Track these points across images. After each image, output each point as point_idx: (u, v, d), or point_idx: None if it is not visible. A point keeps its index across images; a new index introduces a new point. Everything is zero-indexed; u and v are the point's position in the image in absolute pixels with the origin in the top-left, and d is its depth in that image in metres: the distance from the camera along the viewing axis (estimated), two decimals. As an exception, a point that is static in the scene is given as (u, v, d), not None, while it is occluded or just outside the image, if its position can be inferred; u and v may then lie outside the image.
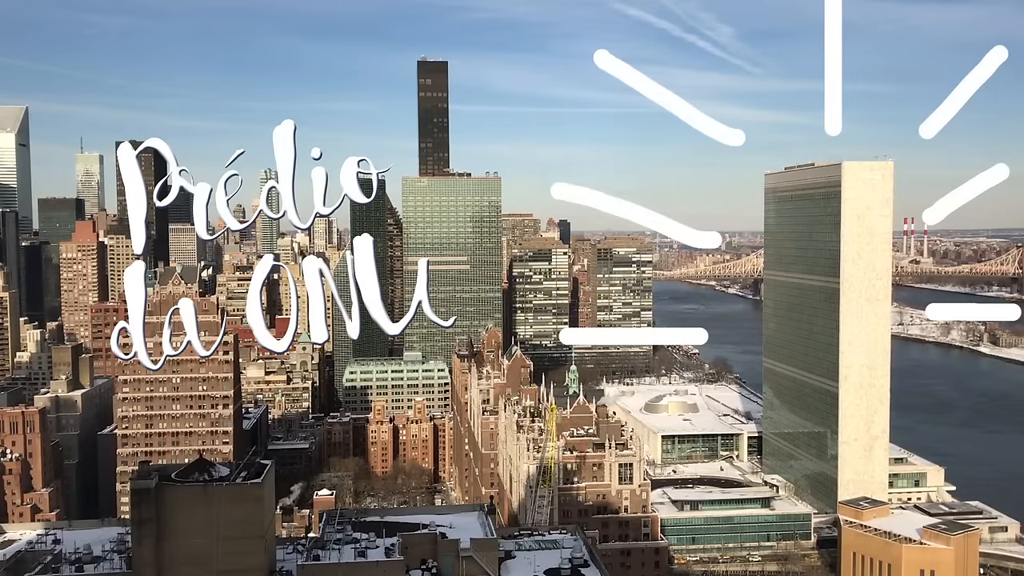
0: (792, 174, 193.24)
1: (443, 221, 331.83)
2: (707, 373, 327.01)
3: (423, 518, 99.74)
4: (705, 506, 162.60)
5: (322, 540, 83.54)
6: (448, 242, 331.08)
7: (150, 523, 68.49)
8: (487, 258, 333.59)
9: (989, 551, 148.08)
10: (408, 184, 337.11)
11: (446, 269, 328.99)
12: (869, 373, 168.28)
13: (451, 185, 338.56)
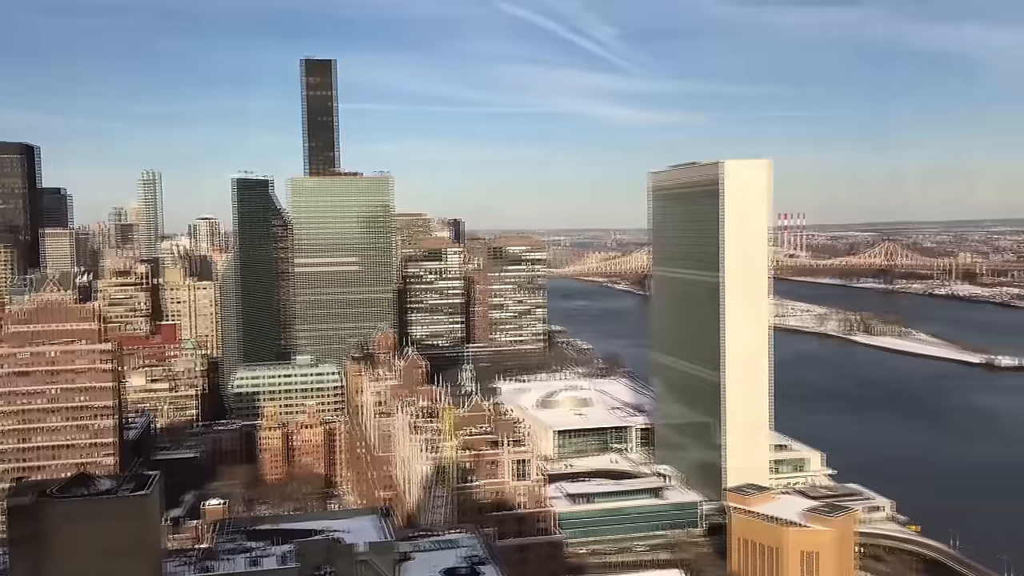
0: (675, 173, 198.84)
1: (332, 222, 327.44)
2: (599, 368, 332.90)
3: (318, 524, 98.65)
4: (599, 499, 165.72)
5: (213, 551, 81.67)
6: (338, 243, 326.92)
7: (27, 542, 65.57)
8: (378, 259, 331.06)
9: (866, 530, 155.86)
10: (296, 184, 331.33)
11: (336, 270, 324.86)
12: (751, 364, 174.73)
13: (340, 185, 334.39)
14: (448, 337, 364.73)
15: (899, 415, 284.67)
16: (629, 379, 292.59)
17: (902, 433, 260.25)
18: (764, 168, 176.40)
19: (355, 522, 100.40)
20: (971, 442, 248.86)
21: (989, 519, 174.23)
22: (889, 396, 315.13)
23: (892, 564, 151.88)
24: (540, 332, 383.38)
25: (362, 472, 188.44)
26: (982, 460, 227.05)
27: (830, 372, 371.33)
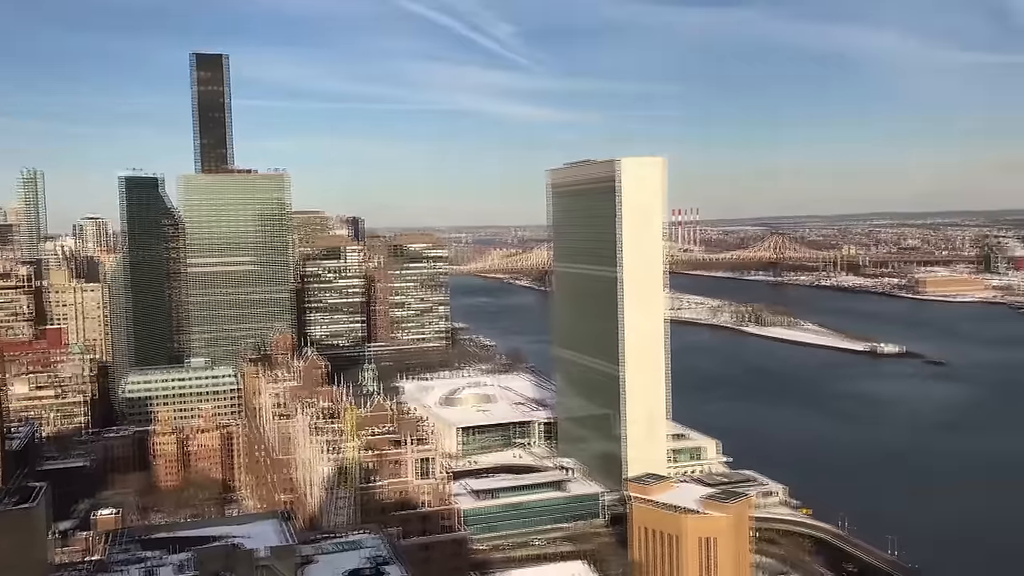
0: (573, 170, 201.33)
1: (226, 220, 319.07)
2: (502, 364, 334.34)
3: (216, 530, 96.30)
4: (502, 494, 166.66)
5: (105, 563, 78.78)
6: (232, 242, 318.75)
7: (-99, 562, 61.96)
8: (275, 258, 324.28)
9: (760, 515, 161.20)
10: (187, 182, 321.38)
11: (231, 270, 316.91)
12: (649, 356, 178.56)
13: (234, 183, 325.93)
14: (349, 336, 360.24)
15: (789, 402, 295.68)
16: (532, 374, 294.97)
17: (793, 420, 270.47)
18: (659, 165, 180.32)
19: (255, 527, 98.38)
20: (856, 426, 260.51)
21: (875, 499, 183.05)
22: (779, 384, 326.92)
23: (785, 547, 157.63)
24: (443, 330, 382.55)
25: (261, 476, 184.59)
26: (867, 443, 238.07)
27: (724, 362, 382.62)
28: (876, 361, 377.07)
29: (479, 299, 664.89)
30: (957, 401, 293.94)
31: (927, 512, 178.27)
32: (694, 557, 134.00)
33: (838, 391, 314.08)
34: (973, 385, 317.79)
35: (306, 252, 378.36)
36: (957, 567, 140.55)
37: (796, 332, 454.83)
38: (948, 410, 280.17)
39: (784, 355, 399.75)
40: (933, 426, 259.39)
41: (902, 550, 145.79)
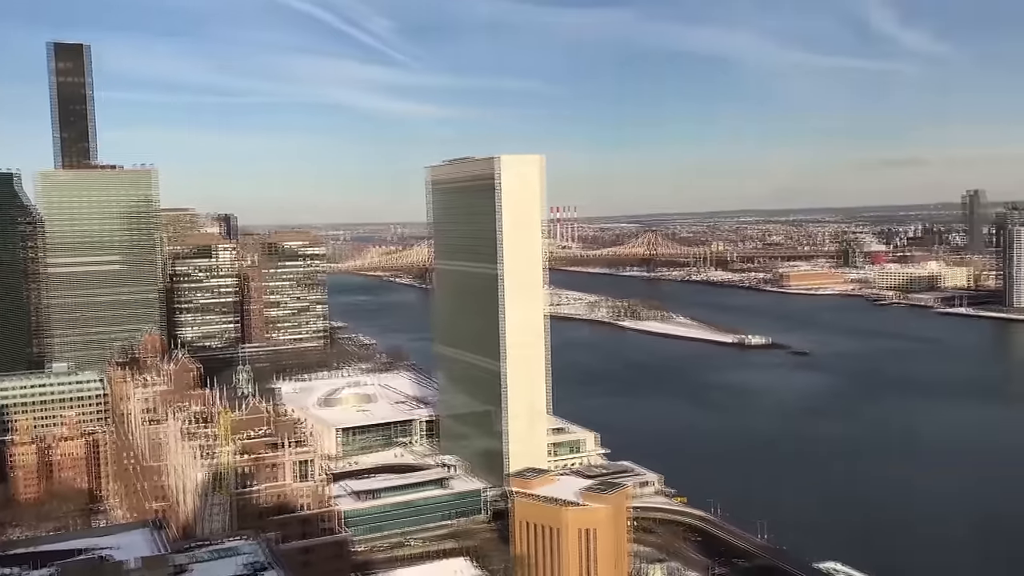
0: (453, 167, 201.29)
1: (89, 218, 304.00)
2: (383, 362, 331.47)
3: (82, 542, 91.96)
4: (384, 494, 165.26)
5: (-43, 583, 73.91)
6: (96, 241, 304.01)
7: None
8: (142, 257, 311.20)
9: (637, 504, 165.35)
10: (45, 178, 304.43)
11: (94, 270, 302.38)
12: (529, 352, 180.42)
13: (97, 179, 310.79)
14: (222, 338, 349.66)
15: (664, 394, 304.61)
16: (413, 372, 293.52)
17: (667, 410, 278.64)
18: (537, 163, 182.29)
19: (124, 537, 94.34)
20: (727, 415, 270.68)
21: (745, 485, 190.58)
22: (654, 377, 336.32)
23: (661, 535, 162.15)
24: (320, 329, 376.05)
25: (131, 484, 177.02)
26: (737, 432, 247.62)
27: (601, 356, 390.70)
28: (744, 352, 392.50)
29: (358, 297, 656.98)
30: (819, 389, 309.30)
31: (793, 495, 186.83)
32: (574, 549, 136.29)
33: (709, 382, 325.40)
34: (834, 373, 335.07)
35: (175, 251, 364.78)
36: (821, 546, 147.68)
37: (669, 326, 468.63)
38: (811, 397, 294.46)
39: (658, 348, 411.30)
40: (798, 413, 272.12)
41: (771, 533, 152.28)
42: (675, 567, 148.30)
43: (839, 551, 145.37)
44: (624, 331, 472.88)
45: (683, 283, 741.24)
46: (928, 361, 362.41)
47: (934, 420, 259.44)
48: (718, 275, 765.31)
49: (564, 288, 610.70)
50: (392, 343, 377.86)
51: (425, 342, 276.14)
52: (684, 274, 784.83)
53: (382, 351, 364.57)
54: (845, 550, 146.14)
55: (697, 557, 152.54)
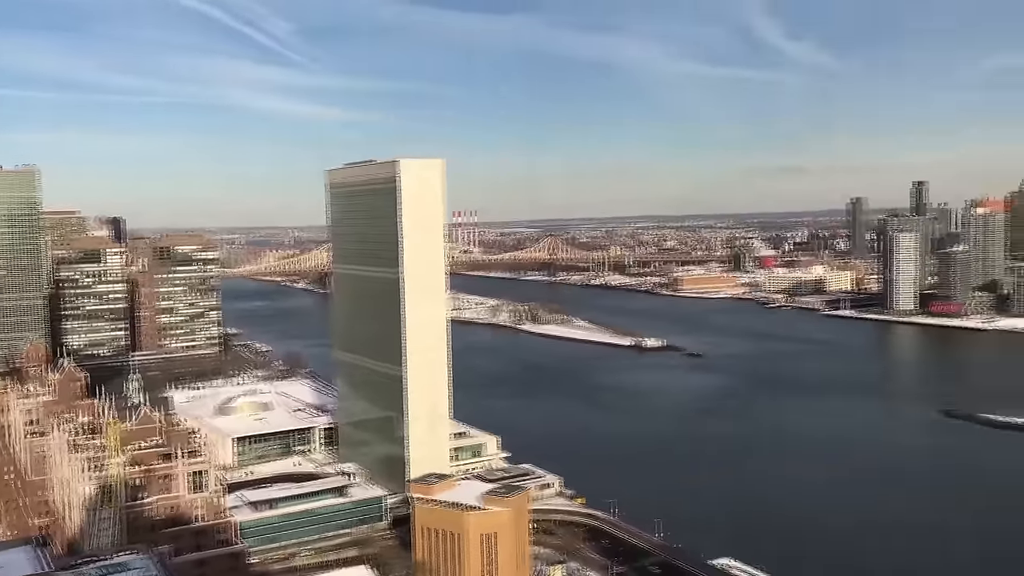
0: (353, 170, 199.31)
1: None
2: (280, 370, 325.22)
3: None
4: (282, 503, 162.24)
5: None
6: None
7: None
8: (23, 261, 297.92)
9: (538, 507, 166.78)
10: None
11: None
12: (431, 357, 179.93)
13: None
14: (110, 346, 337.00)
15: (564, 396, 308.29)
16: (311, 379, 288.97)
17: (567, 413, 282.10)
18: (438, 167, 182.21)
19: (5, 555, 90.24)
20: (625, 417, 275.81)
21: (643, 485, 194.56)
22: (555, 379, 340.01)
23: (562, 536, 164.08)
24: (215, 336, 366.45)
25: (12, 500, 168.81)
26: (634, 432, 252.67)
27: (502, 359, 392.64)
28: (641, 354, 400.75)
29: (254, 303, 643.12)
30: (713, 389, 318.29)
31: (688, 494, 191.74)
32: (476, 553, 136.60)
33: (608, 384, 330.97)
34: (726, 374, 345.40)
35: (61, 255, 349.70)
36: (715, 543, 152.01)
37: (569, 329, 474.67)
38: (705, 398, 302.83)
39: (558, 351, 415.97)
40: (692, 413, 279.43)
41: (667, 531, 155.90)
42: (575, 568, 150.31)
43: (732, 547, 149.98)
44: (525, 335, 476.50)
45: (582, 287, 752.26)
46: (815, 361, 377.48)
47: (820, 418, 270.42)
48: (616, 279, 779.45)
49: (465, 292, 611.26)
50: (290, 349, 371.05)
51: (324, 348, 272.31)
52: (583, 278, 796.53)
53: (279, 358, 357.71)
54: (738, 546, 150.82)
55: (596, 557, 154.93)
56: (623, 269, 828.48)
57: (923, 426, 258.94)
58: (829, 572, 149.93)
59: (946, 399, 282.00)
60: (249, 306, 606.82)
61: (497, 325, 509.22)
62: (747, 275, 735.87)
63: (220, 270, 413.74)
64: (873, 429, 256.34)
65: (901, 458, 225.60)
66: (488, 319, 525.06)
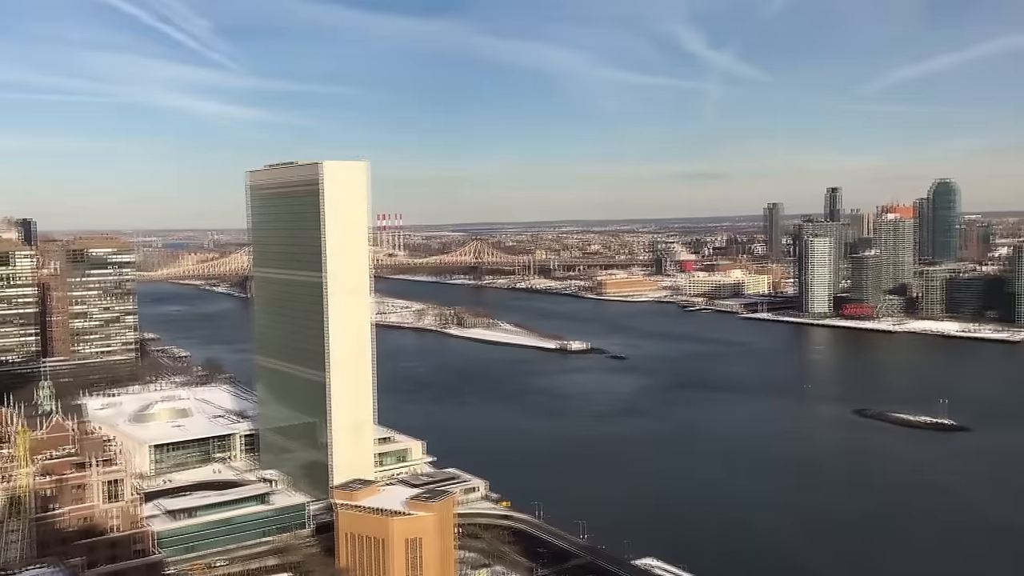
0: (274, 172, 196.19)
1: None
2: (199, 375, 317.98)
3: None
4: (201, 512, 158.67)
5: None
6: None
7: None
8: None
9: (464, 511, 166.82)
10: None
11: None
12: (355, 361, 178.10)
13: None
14: (20, 351, 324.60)
15: (489, 400, 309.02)
16: (232, 385, 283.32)
17: (492, 416, 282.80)
18: (362, 169, 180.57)
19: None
20: (549, 419, 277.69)
21: (566, 487, 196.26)
22: (480, 383, 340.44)
23: (487, 540, 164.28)
24: (131, 341, 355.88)
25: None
26: (559, 434, 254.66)
27: (428, 364, 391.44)
28: (566, 357, 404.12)
29: (172, 307, 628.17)
30: (635, 391, 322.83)
31: (611, 495, 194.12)
32: (401, 558, 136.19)
33: (533, 387, 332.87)
34: (649, 376, 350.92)
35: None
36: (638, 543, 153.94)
37: (495, 332, 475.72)
38: (629, 399, 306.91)
39: (484, 355, 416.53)
40: (616, 414, 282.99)
41: (591, 532, 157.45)
42: (500, 571, 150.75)
43: (654, 547, 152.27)
44: (451, 338, 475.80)
45: (508, 290, 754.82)
46: (733, 363, 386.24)
47: (740, 418, 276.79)
48: (541, 283, 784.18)
49: (390, 296, 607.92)
50: (209, 355, 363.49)
51: (245, 353, 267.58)
52: (509, 282, 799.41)
53: (198, 363, 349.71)
54: (660, 546, 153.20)
55: (521, 560, 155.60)
56: (548, 273, 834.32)
57: (837, 425, 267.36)
58: (751, 569, 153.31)
59: (859, 399, 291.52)
60: (167, 310, 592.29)
61: (423, 329, 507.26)
62: (668, 279, 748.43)
63: (136, 273, 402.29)
64: (790, 428, 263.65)
65: (817, 456, 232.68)
66: (414, 323, 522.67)
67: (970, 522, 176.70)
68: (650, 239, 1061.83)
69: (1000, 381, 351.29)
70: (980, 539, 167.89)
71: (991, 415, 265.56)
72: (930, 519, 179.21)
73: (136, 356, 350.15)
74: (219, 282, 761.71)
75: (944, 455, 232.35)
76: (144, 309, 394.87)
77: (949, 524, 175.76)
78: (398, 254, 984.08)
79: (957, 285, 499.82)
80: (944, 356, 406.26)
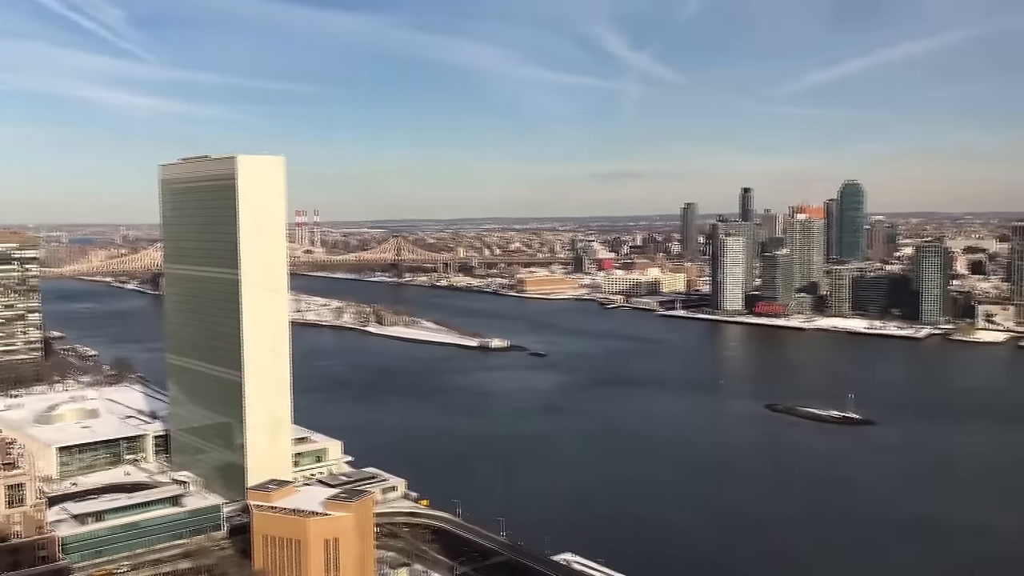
0: (188, 166, 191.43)
1: None
2: (108, 375, 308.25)
3: None
4: (110, 515, 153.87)
5: None
6: None
7: None
8: None
9: (383, 510, 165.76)
10: None
11: None
12: (271, 360, 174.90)
13: None
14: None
15: (409, 398, 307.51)
16: (143, 385, 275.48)
17: (412, 414, 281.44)
18: (279, 164, 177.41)
19: None
20: (469, 417, 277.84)
21: (486, 485, 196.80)
22: (400, 381, 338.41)
23: (406, 539, 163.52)
24: (35, 339, 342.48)
25: None
26: (479, 432, 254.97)
27: (347, 362, 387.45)
28: (487, 355, 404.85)
29: (80, 304, 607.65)
30: (555, 388, 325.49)
31: (531, 491, 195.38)
32: (318, 559, 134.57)
33: (453, 385, 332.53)
34: (568, 373, 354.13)
35: None
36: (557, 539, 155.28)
37: (415, 330, 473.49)
38: (548, 396, 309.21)
39: (404, 353, 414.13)
40: (535, 411, 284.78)
41: (510, 529, 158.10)
42: (420, 570, 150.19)
43: (573, 543, 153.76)
44: (370, 336, 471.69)
45: (429, 288, 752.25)
46: (650, 359, 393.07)
47: (656, 413, 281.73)
48: (463, 280, 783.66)
49: (308, 293, 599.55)
50: (119, 354, 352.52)
51: (156, 352, 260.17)
52: (430, 279, 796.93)
53: (107, 363, 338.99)
54: (578, 542, 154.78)
55: (441, 558, 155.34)
56: (469, 270, 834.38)
57: (751, 420, 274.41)
58: (667, 564, 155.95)
59: (770, 394, 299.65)
60: (74, 308, 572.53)
61: (341, 327, 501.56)
62: (588, 277, 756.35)
63: (42, 270, 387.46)
64: (706, 424, 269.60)
65: (732, 452, 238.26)
66: (332, 321, 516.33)
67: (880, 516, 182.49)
68: (570, 238, 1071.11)
69: (904, 376, 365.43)
70: (890, 532, 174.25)
71: (895, 409, 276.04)
72: (841, 513, 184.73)
73: (41, 355, 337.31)
74: (129, 279, 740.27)
75: (852, 449, 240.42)
76: (50, 306, 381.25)
77: (860, 518, 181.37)
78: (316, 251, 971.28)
79: (864, 284, 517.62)
80: (851, 352, 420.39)
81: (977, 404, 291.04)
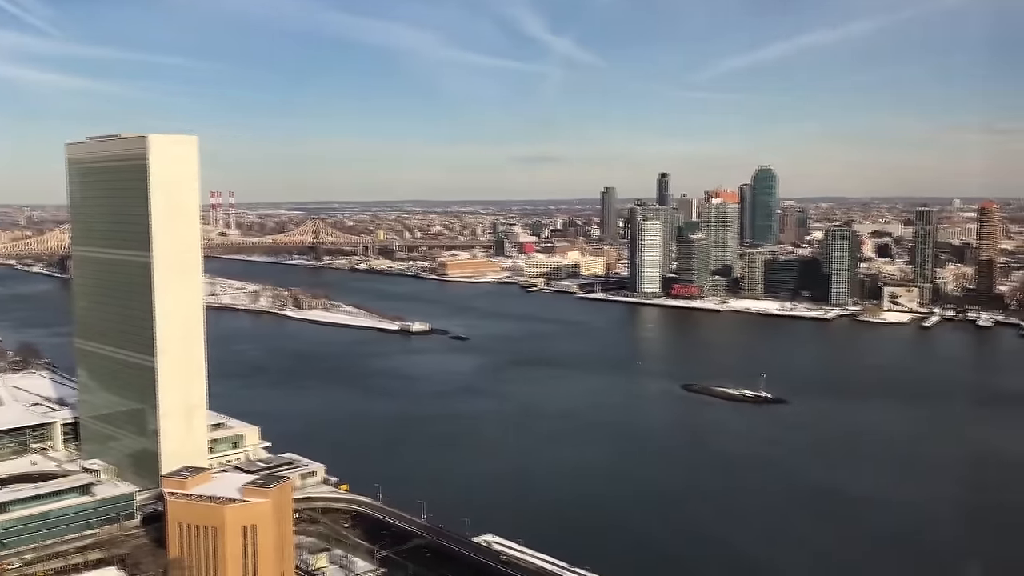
0: (96, 145, 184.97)
1: None
2: (12, 362, 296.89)
3: None
4: (15, 506, 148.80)
5: None
6: None
7: None
8: None
9: (301, 496, 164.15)
10: None
11: None
12: (185, 344, 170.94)
13: None
14: None
15: (328, 382, 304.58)
16: (50, 371, 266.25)
17: (332, 399, 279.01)
18: (191, 144, 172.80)
19: None
20: (390, 400, 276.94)
21: (407, 467, 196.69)
22: (319, 366, 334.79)
23: (326, 524, 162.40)
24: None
25: None
26: (399, 416, 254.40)
27: (264, 347, 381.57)
28: (408, 339, 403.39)
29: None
30: (476, 370, 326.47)
31: (451, 473, 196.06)
32: (236, 546, 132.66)
33: (374, 369, 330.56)
34: (489, 355, 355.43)
35: None
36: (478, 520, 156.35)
37: (335, 314, 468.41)
38: (469, 379, 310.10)
39: (323, 337, 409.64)
40: (456, 394, 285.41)
41: (431, 512, 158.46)
42: (340, 554, 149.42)
43: (493, 524, 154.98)
44: (288, 320, 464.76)
45: (348, 271, 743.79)
46: (570, 341, 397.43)
47: (575, 394, 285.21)
48: (383, 264, 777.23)
49: (223, 277, 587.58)
50: (24, 339, 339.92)
51: (64, 337, 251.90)
52: (349, 262, 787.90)
53: (11, 348, 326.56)
54: (498, 523, 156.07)
55: (361, 542, 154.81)
56: (390, 254, 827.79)
57: (667, 399, 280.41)
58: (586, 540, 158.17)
59: (686, 374, 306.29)
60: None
61: (258, 311, 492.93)
62: (509, 260, 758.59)
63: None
64: (623, 403, 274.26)
65: (648, 430, 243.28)
66: (248, 305, 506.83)
67: (789, 489, 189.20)
68: (492, 221, 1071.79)
69: (813, 356, 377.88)
70: (798, 503, 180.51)
71: (805, 388, 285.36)
72: (755, 487, 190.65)
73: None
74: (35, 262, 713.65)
75: (764, 426, 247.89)
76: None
77: (772, 490, 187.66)
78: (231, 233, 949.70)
79: (776, 267, 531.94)
80: (763, 333, 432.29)
81: (882, 382, 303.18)
